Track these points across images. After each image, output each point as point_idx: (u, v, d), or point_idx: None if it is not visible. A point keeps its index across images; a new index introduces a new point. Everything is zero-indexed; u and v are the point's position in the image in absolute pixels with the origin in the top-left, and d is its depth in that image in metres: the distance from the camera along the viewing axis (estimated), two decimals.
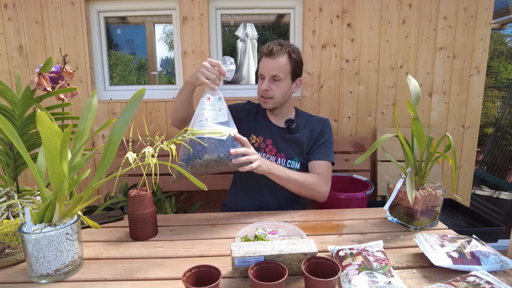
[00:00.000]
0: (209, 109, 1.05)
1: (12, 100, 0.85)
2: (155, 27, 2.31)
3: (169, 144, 0.77)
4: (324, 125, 1.34)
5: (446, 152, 0.97)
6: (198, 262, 0.79)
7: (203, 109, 1.04)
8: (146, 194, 0.93)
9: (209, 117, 1.03)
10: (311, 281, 0.63)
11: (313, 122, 1.35)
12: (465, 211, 1.79)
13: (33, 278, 0.72)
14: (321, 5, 1.94)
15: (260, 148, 1.32)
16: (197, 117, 1.04)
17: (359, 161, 0.98)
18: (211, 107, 1.05)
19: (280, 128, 1.33)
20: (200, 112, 1.04)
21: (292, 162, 1.30)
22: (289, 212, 1.12)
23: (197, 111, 1.06)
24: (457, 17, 1.97)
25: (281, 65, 1.23)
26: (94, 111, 0.84)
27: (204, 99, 1.06)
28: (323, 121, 1.35)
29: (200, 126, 1.00)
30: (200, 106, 1.06)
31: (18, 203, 0.83)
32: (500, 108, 3.45)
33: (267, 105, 1.28)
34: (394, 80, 2.04)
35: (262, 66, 1.26)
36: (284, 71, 1.24)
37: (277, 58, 1.22)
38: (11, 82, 1.96)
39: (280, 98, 1.27)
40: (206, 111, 1.03)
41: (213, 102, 1.07)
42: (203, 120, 1.01)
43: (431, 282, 0.70)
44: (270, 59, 1.23)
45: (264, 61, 1.25)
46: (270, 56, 1.23)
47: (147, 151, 0.72)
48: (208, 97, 1.06)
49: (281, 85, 1.25)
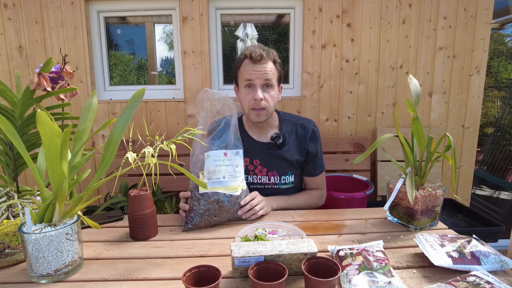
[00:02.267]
0: (227, 164, 1.01)
1: (12, 100, 0.85)
2: (155, 27, 2.31)
3: (168, 144, 0.76)
4: (311, 133, 1.26)
5: (446, 152, 0.97)
6: (198, 262, 0.79)
7: (220, 166, 1.00)
8: (146, 194, 0.93)
9: (226, 174, 1.00)
10: (311, 281, 0.63)
11: (299, 129, 1.26)
12: (465, 211, 1.80)
13: (33, 278, 0.72)
14: (321, 5, 1.94)
15: (249, 171, 1.23)
16: (213, 173, 1.00)
17: (358, 161, 0.98)
18: (229, 162, 1.02)
19: (265, 144, 1.23)
20: (216, 169, 1.00)
21: (286, 177, 1.24)
22: (289, 212, 1.12)
23: (210, 164, 1.00)
24: (457, 17, 1.97)
25: (271, 70, 1.14)
26: (94, 111, 0.84)
27: (219, 153, 1.02)
28: (309, 128, 1.26)
29: (218, 183, 0.99)
30: (213, 159, 1.01)
31: (18, 203, 0.82)
32: (500, 108, 3.45)
33: (260, 117, 1.16)
34: (394, 80, 2.04)
35: (250, 72, 1.13)
36: (274, 76, 1.16)
37: (265, 63, 1.13)
38: (11, 82, 1.96)
39: (272, 108, 1.17)
40: (224, 168, 1.00)
41: (230, 157, 1.02)
42: (220, 178, 0.99)
43: (431, 282, 0.70)
44: (258, 64, 1.12)
45: (252, 67, 1.12)
46: (259, 61, 1.12)
47: (147, 151, 0.72)
48: (225, 152, 1.03)
49: (272, 92, 1.16)
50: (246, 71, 1.13)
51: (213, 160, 1.01)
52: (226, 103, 1.10)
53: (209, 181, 0.99)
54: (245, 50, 1.17)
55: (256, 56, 1.11)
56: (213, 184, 0.99)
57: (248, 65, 1.13)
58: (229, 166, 1.02)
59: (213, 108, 1.10)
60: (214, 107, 1.10)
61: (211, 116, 1.11)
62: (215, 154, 1.02)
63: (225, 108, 1.10)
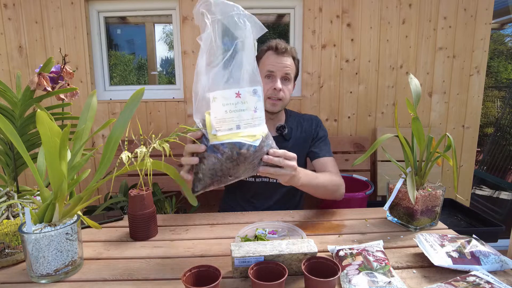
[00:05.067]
0: (241, 109, 0.73)
1: (12, 100, 0.85)
2: (155, 27, 2.31)
3: (161, 143, 0.74)
4: (316, 123, 1.30)
5: (446, 152, 0.97)
6: (198, 262, 0.79)
7: (232, 112, 0.72)
8: (146, 194, 0.93)
9: (242, 123, 0.72)
10: (311, 281, 0.63)
11: (303, 122, 1.30)
12: (465, 211, 1.80)
13: (33, 278, 0.72)
14: (321, 5, 1.94)
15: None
16: (222, 122, 0.71)
17: (359, 161, 0.98)
18: (243, 106, 0.73)
19: (273, 138, 1.21)
20: (226, 116, 0.71)
21: None
22: (289, 212, 1.12)
23: (218, 109, 0.71)
24: (457, 17, 1.97)
25: (291, 65, 1.18)
26: (93, 111, 0.84)
27: (229, 94, 0.72)
28: (314, 120, 1.31)
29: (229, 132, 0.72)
30: (221, 102, 0.72)
31: (18, 203, 0.82)
32: (500, 108, 3.45)
33: (276, 107, 1.18)
34: (394, 80, 2.04)
35: (273, 63, 1.15)
36: (293, 72, 1.19)
37: (287, 57, 1.16)
38: (11, 82, 1.96)
39: (287, 101, 1.20)
40: (237, 114, 0.72)
41: (245, 99, 0.73)
42: (233, 129, 0.71)
43: (431, 282, 0.70)
44: (281, 56, 1.15)
45: (275, 58, 1.15)
46: (283, 53, 1.15)
47: (139, 151, 0.71)
48: (238, 92, 0.72)
49: (289, 85, 1.19)
50: (268, 62, 1.16)
51: (221, 104, 0.72)
52: (236, 16, 0.74)
53: (219, 132, 0.71)
54: (269, 42, 1.19)
55: (281, 47, 1.15)
56: (223, 133, 0.71)
57: (271, 56, 1.16)
58: (245, 111, 0.73)
59: (217, 25, 0.75)
60: (219, 23, 0.75)
61: (215, 37, 0.74)
62: (223, 95, 0.72)
63: (236, 25, 0.74)
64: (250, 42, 0.76)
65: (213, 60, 0.75)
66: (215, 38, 0.73)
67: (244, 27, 0.75)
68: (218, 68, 0.73)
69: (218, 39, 0.75)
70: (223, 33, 0.76)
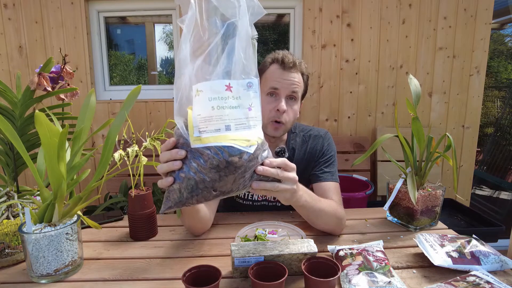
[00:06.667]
0: (232, 106, 0.58)
1: (12, 100, 0.85)
2: (155, 27, 2.31)
3: (151, 141, 0.72)
4: (323, 141, 1.11)
5: (446, 152, 0.97)
6: (198, 262, 0.79)
7: (221, 109, 0.58)
8: (146, 194, 0.93)
9: (232, 123, 0.58)
10: (311, 281, 0.63)
11: (309, 140, 1.12)
12: (465, 211, 1.80)
13: (33, 278, 0.72)
14: (321, 5, 1.94)
15: (252, 194, 1.08)
16: (209, 121, 0.57)
17: (358, 161, 0.98)
18: (235, 102, 0.59)
19: None
20: (213, 113, 0.57)
21: None
22: (289, 212, 1.12)
23: (203, 105, 0.57)
24: (457, 17, 1.97)
25: (300, 82, 0.99)
26: (92, 110, 0.84)
27: (218, 85, 0.58)
28: (322, 138, 1.12)
29: (217, 134, 0.58)
30: (207, 96, 0.57)
31: (18, 203, 0.82)
32: (500, 108, 3.45)
33: (278, 131, 1.00)
34: (394, 80, 2.04)
35: (278, 79, 0.96)
36: (300, 90, 1.01)
37: (295, 73, 0.98)
38: (11, 82, 1.96)
39: (290, 124, 1.02)
40: (228, 112, 0.58)
41: (238, 93, 0.59)
42: (222, 130, 0.57)
43: (431, 282, 0.70)
44: (288, 72, 0.97)
45: (281, 73, 0.97)
46: (290, 68, 0.97)
47: (131, 150, 0.70)
48: (229, 84, 0.59)
49: (294, 106, 1.00)
50: (273, 77, 0.98)
51: (207, 99, 0.57)
52: None
53: (204, 133, 0.57)
54: (275, 53, 1.01)
55: (289, 62, 0.97)
56: (209, 134, 0.57)
57: (276, 71, 0.98)
58: (237, 109, 0.59)
59: (204, 3, 0.62)
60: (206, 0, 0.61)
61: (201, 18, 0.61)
62: (210, 87, 0.58)
63: (227, 2, 0.60)
64: (245, 24, 0.61)
65: (199, 47, 0.60)
66: (201, 20, 0.60)
67: (237, 5, 0.60)
68: (205, 55, 0.59)
69: (205, 20, 0.61)
70: (211, 12, 0.61)
